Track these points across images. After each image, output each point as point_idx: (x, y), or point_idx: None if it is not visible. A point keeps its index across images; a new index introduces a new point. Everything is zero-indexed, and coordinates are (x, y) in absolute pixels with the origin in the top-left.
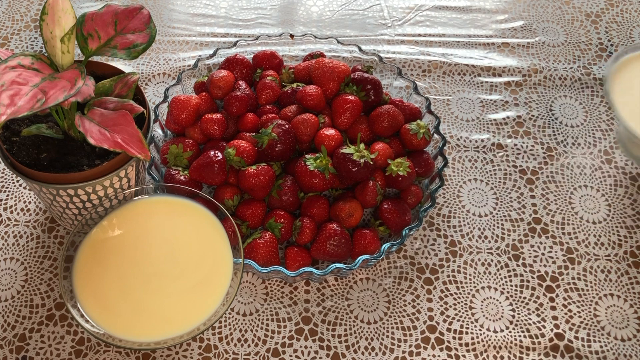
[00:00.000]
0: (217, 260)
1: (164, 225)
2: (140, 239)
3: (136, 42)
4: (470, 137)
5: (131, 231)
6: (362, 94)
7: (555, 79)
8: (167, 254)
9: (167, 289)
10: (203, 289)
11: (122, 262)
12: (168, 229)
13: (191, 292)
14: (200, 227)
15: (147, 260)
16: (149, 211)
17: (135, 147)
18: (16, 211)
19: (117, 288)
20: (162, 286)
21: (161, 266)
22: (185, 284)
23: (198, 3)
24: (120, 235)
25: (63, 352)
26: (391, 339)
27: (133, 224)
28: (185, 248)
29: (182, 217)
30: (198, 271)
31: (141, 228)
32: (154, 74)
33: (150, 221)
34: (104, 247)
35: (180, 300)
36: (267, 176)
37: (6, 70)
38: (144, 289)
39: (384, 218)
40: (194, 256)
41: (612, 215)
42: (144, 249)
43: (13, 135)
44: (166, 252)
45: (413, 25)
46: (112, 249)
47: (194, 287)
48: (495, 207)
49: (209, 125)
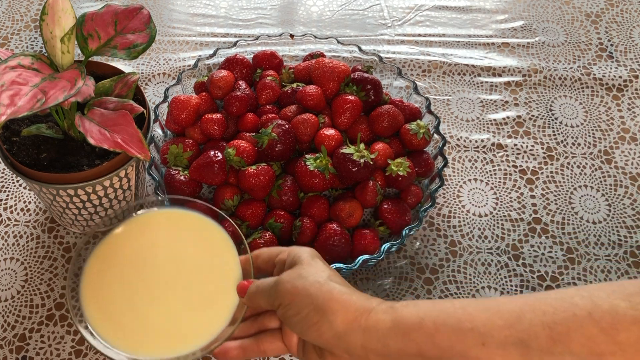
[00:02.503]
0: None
1: (172, 239)
2: (147, 253)
3: (136, 42)
4: (470, 137)
5: (138, 245)
6: (362, 94)
7: (555, 79)
8: (175, 269)
9: (176, 304)
10: (212, 304)
11: (130, 277)
12: (176, 243)
13: (200, 308)
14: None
15: (154, 275)
16: (156, 224)
17: (135, 147)
18: (16, 211)
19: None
20: (171, 301)
21: (169, 281)
22: (194, 299)
23: (198, 3)
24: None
25: (63, 352)
26: None
27: (140, 238)
28: (193, 262)
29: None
30: (207, 286)
31: (148, 242)
32: (154, 74)
33: (157, 234)
34: (111, 262)
35: (190, 316)
36: (267, 176)
37: (6, 70)
38: (152, 304)
39: (384, 218)
40: (202, 271)
41: (612, 215)
42: (151, 263)
43: (13, 135)
44: (174, 266)
45: (413, 25)
46: (119, 263)
47: (203, 302)
48: (495, 207)
49: (209, 125)
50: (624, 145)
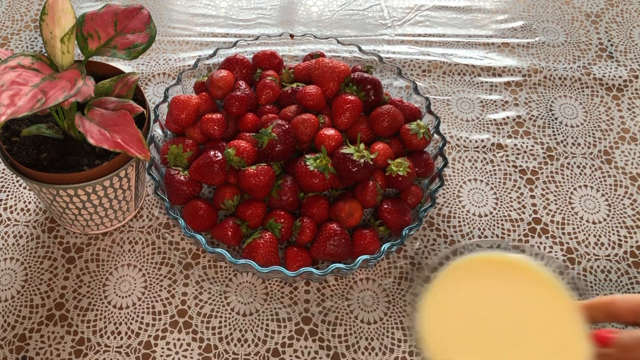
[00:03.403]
0: (565, 325)
1: (509, 289)
2: (486, 300)
3: (136, 42)
4: (470, 137)
5: (478, 290)
6: (362, 94)
7: (555, 79)
8: (512, 321)
9: (520, 354)
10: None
11: (474, 321)
12: (513, 293)
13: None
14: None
15: (493, 324)
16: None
17: (135, 147)
18: (16, 211)
19: (469, 346)
20: (515, 351)
21: (509, 330)
22: (538, 350)
23: (198, 3)
24: (466, 291)
25: (63, 352)
26: (391, 339)
27: (478, 283)
28: (529, 311)
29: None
30: (548, 337)
31: (487, 288)
32: (154, 74)
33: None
34: (450, 301)
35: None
36: (267, 176)
37: (6, 70)
38: (497, 352)
39: (384, 218)
40: (540, 328)
41: (612, 215)
42: (490, 311)
43: (13, 135)
44: (511, 318)
45: (413, 25)
46: (459, 305)
47: (549, 354)
48: (495, 207)
49: (209, 125)
50: (624, 145)
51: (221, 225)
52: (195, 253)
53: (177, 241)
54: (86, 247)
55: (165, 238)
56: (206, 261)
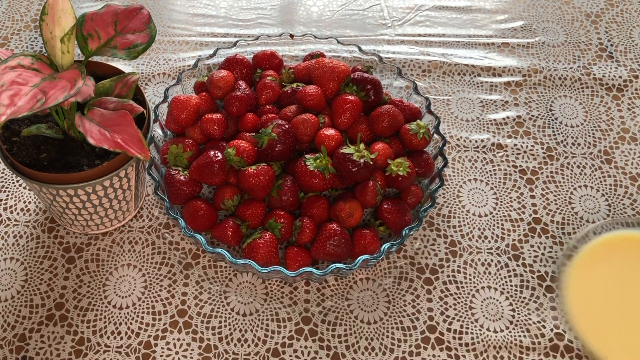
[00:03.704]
0: None
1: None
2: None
3: (136, 42)
4: (470, 137)
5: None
6: (362, 94)
7: (555, 79)
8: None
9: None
10: None
11: (620, 296)
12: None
13: None
14: None
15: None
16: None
17: (135, 147)
18: (16, 211)
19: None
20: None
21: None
22: None
23: (198, 3)
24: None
25: (63, 352)
26: (391, 339)
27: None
28: None
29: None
30: None
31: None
32: (154, 74)
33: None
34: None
35: None
36: (267, 176)
37: (6, 70)
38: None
39: (384, 218)
40: None
41: (612, 215)
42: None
43: (13, 135)
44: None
45: (413, 26)
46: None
47: None
48: (495, 207)
49: (209, 125)
50: (624, 145)
51: (221, 225)
52: (195, 253)
53: (177, 241)
54: (86, 247)
55: (165, 238)
56: (206, 261)
